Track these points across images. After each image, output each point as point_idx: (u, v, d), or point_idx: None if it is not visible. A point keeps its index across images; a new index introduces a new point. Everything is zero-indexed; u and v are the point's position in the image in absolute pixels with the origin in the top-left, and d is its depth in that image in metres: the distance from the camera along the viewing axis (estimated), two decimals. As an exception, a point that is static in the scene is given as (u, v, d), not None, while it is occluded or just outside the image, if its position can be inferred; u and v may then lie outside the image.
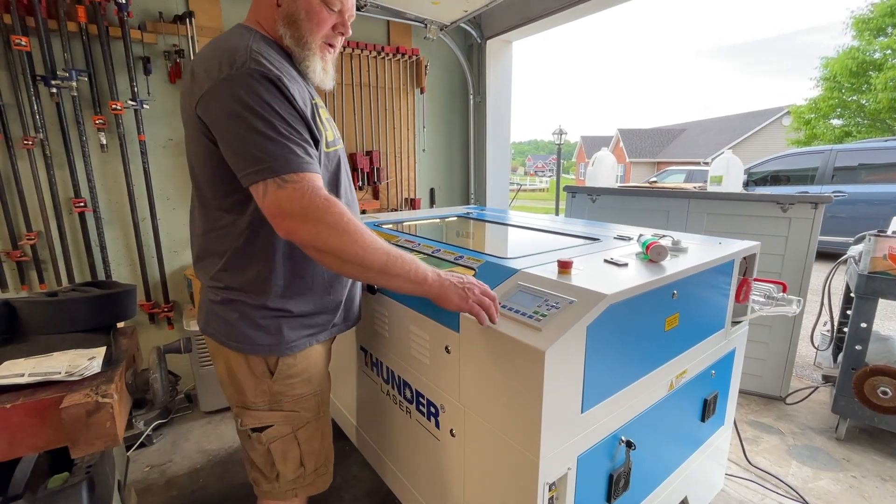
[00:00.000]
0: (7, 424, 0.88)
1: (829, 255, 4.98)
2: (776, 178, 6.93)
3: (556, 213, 12.40)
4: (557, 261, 1.09)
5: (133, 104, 2.10)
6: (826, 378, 2.51)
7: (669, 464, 1.33)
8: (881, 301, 1.96)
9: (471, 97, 3.22)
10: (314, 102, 0.97)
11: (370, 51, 2.73)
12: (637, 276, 1.05)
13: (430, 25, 2.83)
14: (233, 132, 0.82)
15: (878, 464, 1.93)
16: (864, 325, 1.98)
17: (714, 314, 1.35)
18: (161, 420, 2.18)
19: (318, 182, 0.85)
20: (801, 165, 6.73)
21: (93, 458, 1.08)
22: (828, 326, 2.46)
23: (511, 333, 0.92)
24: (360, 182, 2.85)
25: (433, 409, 1.22)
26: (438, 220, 2.21)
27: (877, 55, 13.08)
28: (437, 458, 1.24)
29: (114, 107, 2.04)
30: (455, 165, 3.37)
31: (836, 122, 14.67)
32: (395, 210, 3.05)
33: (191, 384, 2.39)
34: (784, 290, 1.47)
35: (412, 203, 3.10)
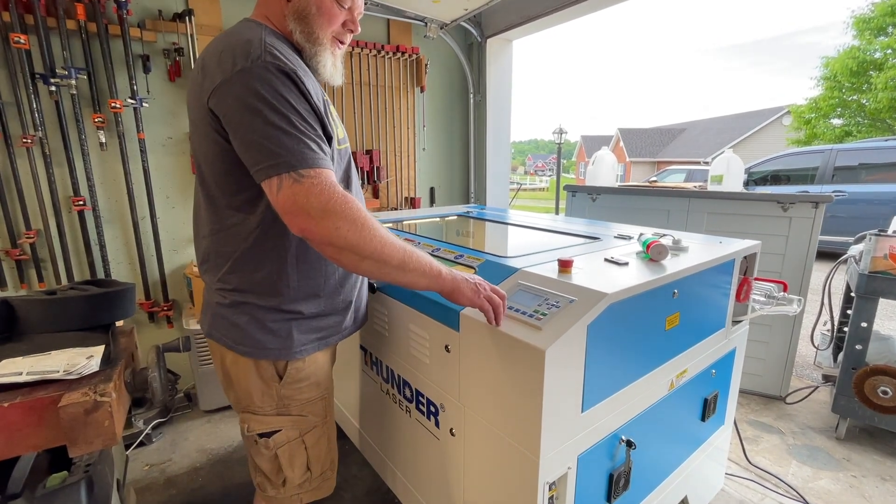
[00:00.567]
0: (5, 423, 0.88)
1: (830, 255, 4.98)
2: (776, 178, 6.93)
3: (557, 213, 12.39)
4: (558, 260, 1.09)
5: (132, 102, 2.09)
6: (826, 378, 2.51)
7: (669, 463, 1.33)
8: (881, 300, 1.96)
9: (471, 96, 3.22)
10: (325, 99, 0.96)
11: (370, 49, 2.73)
12: (638, 276, 1.05)
13: (431, 24, 2.83)
14: (247, 125, 0.79)
15: (878, 463, 1.93)
16: (865, 325, 1.97)
17: (714, 313, 1.35)
18: (160, 419, 2.18)
19: (334, 178, 0.83)
20: (802, 165, 6.73)
21: (91, 457, 1.08)
22: (828, 326, 2.45)
23: (511, 332, 0.92)
24: (360, 181, 2.85)
25: (433, 409, 1.22)
26: (438, 219, 2.21)
27: (877, 55, 13.08)
28: (437, 458, 1.24)
29: (113, 105, 2.04)
30: (455, 164, 3.37)
31: (837, 122, 14.67)
32: (395, 209, 3.05)
33: (190, 383, 2.39)
34: (785, 290, 1.47)
35: (412, 202, 3.09)
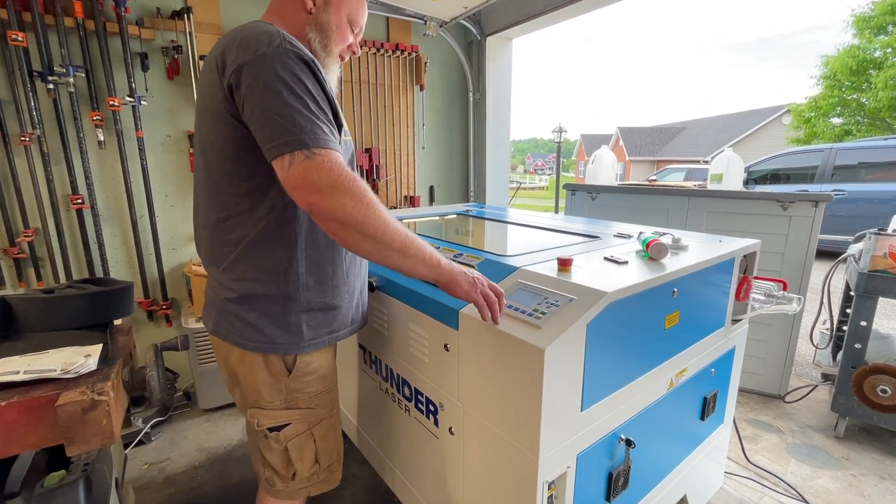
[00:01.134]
0: (2, 422, 0.88)
1: (829, 254, 4.98)
2: (776, 177, 6.93)
3: (556, 211, 12.39)
4: (557, 258, 1.09)
5: (131, 101, 2.09)
6: (825, 376, 2.51)
7: (669, 462, 1.33)
8: (881, 299, 1.96)
9: (470, 94, 3.21)
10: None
11: (370, 47, 2.72)
12: (637, 274, 1.04)
13: (430, 22, 2.82)
14: (265, 104, 0.81)
15: (878, 462, 1.93)
16: (864, 324, 1.97)
17: (714, 312, 1.35)
18: (159, 417, 2.18)
19: (342, 159, 0.85)
20: (801, 164, 6.73)
21: (90, 456, 1.08)
22: (827, 325, 2.46)
23: (510, 331, 0.91)
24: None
25: (432, 408, 1.22)
26: (438, 218, 2.21)
27: (877, 53, 13.07)
28: (436, 457, 1.23)
29: (111, 103, 2.03)
30: (454, 163, 3.36)
31: (836, 121, 14.66)
32: (395, 208, 3.04)
33: (189, 382, 2.39)
34: (784, 289, 1.46)
35: (411, 201, 3.09)
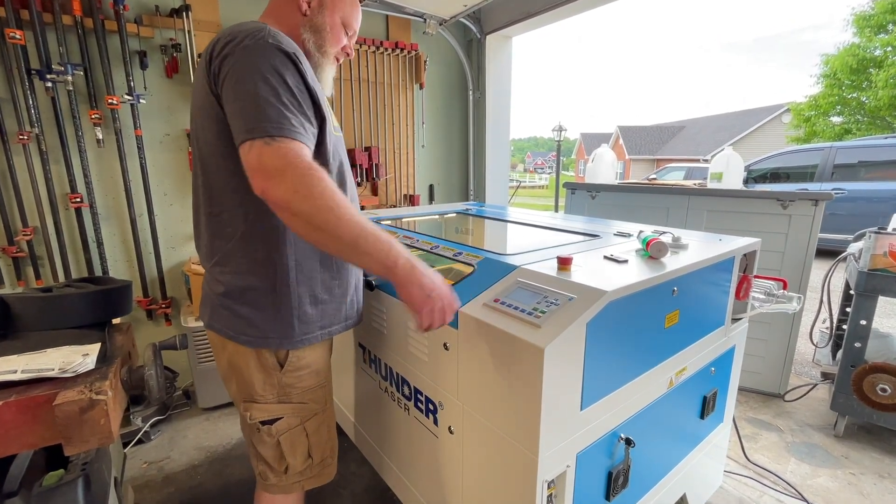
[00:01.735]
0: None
1: (829, 253, 4.98)
2: (776, 176, 6.93)
3: (556, 210, 12.39)
4: (557, 257, 1.08)
5: (129, 99, 2.08)
6: (825, 375, 2.51)
7: (668, 461, 1.33)
8: (881, 298, 1.96)
9: (470, 93, 3.21)
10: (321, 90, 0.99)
11: (369, 46, 2.71)
12: (637, 273, 1.04)
13: (430, 20, 2.81)
14: (239, 93, 0.83)
15: (877, 461, 1.93)
16: (864, 323, 1.97)
17: (714, 311, 1.35)
18: (159, 416, 2.17)
19: (306, 151, 0.84)
20: (801, 163, 6.72)
21: (89, 455, 1.07)
22: (827, 323, 2.45)
23: (510, 330, 0.91)
24: (359, 178, 2.84)
25: (431, 407, 1.22)
26: (437, 217, 2.20)
27: (877, 52, 13.05)
28: (436, 456, 1.23)
29: (110, 101, 2.02)
30: (454, 162, 3.35)
31: (836, 120, 14.65)
32: (394, 206, 3.04)
33: (189, 380, 2.38)
34: (784, 288, 1.46)
35: (411, 199, 3.08)
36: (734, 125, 22.08)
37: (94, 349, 1.06)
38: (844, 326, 2.19)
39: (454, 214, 2.22)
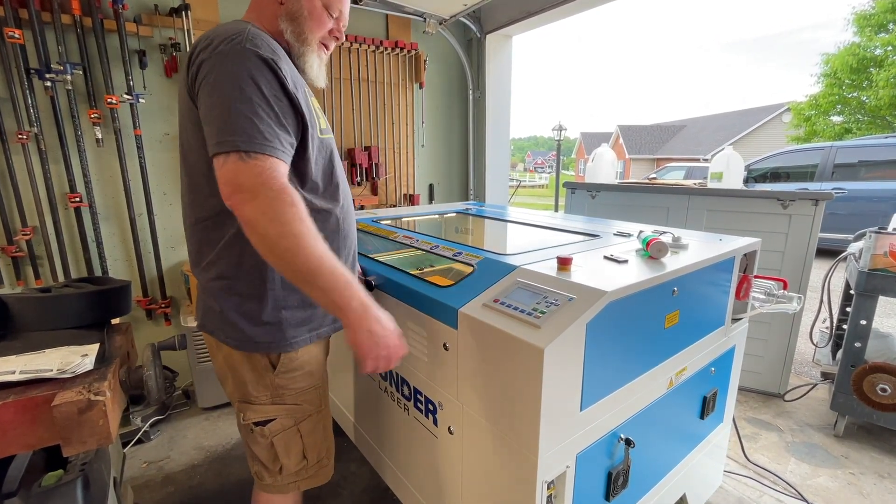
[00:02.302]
0: (-2, 422, 0.87)
1: (829, 253, 4.97)
2: (776, 175, 6.92)
3: (556, 210, 12.38)
4: (557, 257, 1.08)
5: (129, 98, 2.08)
6: (825, 375, 2.50)
7: (668, 461, 1.32)
8: (881, 298, 1.95)
9: (470, 92, 3.20)
10: (305, 90, 0.97)
11: (368, 45, 2.71)
12: (637, 273, 1.04)
13: (429, 19, 2.81)
14: (214, 102, 0.81)
15: (877, 461, 1.93)
16: (864, 322, 1.97)
17: (714, 311, 1.34)
18: (158, 416, 2.17)
19: (282, 169, 0.84)
20: (801, 162, 6.72)
21: (88, 456, 1.07)
22: (827, 323, 2.45)
23: (510, 331, 0.91)
24: (359, 178, 2.83)
25: (431, 407, 1.21)
26: (437, 217, 2.20)
27: (878, 51, 13.04)
28: (435, 456, 1.23)
29: (109, 101, 2.02)
30: (454, 161, 3.35)
31: (837, 119, 14.64)
32: (394, 206, 3.03)
33: (188, 380, 2.38)
34: (784, 287, 1.46)
35: (411, 199, 3.08)
36: (734, 125, 22.07)
37: (93, 349, 1.05)
38: (844, 326, 2.18)
39: (454, 214, 2.22)
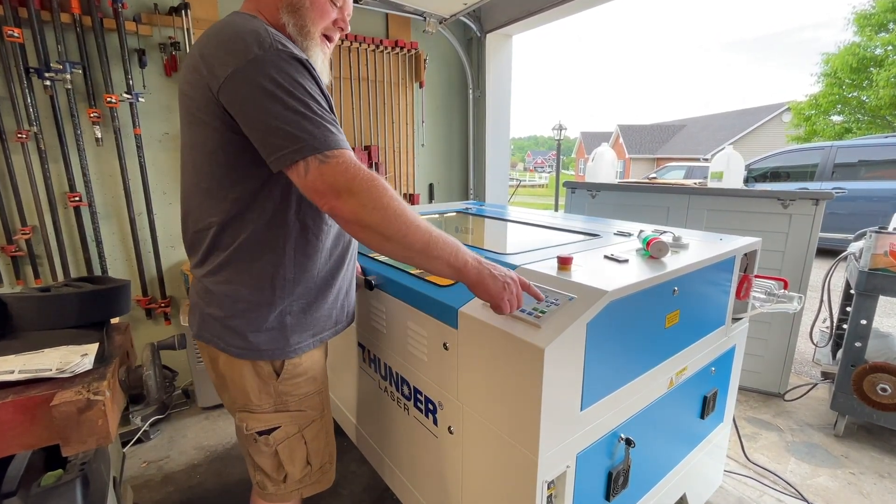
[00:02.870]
0: (-3, 422, 0.87)
1: (829, 252, 4.97)
2: (776, 175, 6.92)
3: (556, 209, 12.38)
4: (557, 257, 1.08)
5: (128, 97, 2.07)
6: (825, 375, 2.50)
7: (668, 461, 1.32)
8: (881, 298, 1.95)
9: (470, 92, 3.20)
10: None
11: (368, 44, 2.70)
12: (638, 273, 1.04)
13: (429, 19, 2.80)
14: (267, 112, 0.79)
15: (877, 460, 1.93)
16: (864, 322, 1.97)
17: (715, 311, 1.34)
18: (158, 416, 2.17)
19: (356, 158, 0.83)
20: (802, 162, 6.72)
21: (87, 455, 1.07)
22: (827, 323, 2.45)
23: (510, 330, 0.91)
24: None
25: (431, 407, 1.21)
26: (437, 216, 2.20)
27: (878, 51, 13.04)
28: (435, 456, 1.23)
29: (109, 100, 2.02)
30: (454, 161, 3.35)
31: (837, 119, 14.64)
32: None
33: (188, 380, 2.38)
34: (785, 287, 1.46)
35: (411, 198, 3.08)
36: (734, 124, 22.07)
37: (93, 349, 1.05)
38: (845, 326, 2.18)
39: (454, 213, 2.22)
